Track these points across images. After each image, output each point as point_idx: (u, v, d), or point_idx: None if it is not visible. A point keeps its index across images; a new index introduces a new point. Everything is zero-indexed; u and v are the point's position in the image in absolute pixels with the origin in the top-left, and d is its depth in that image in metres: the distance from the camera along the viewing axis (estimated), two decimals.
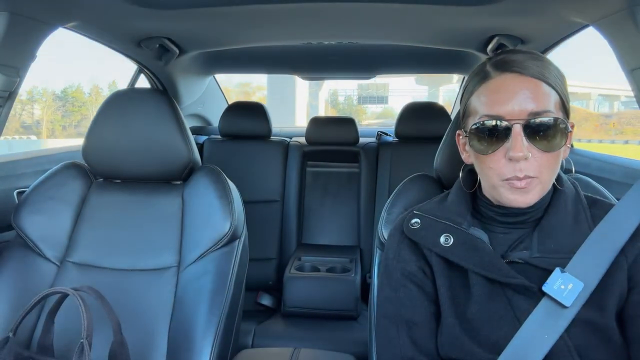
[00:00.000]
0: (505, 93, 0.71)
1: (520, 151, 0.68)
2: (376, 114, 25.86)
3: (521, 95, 0.70)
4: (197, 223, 1.15)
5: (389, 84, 24.72)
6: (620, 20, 0.99)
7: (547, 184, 0.73)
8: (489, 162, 0.72)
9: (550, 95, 0.71)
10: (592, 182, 0.93)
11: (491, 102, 0.72)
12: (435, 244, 0.79)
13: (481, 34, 1.44)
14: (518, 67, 0.72)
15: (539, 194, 0.72)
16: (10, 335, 0.91)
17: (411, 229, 0.83)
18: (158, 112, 1.18)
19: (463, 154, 0.83)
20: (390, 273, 0.83)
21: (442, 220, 0.81)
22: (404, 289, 0.81)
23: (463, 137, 0.81)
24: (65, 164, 1.25)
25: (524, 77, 0.71)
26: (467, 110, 0.79)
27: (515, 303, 0.73)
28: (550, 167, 0.71)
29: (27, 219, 1.15)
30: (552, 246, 0.74)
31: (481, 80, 0.75)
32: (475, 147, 0.74)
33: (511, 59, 0.73)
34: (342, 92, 29.52)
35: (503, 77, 0.72)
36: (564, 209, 0.76)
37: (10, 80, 1.10)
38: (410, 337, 0.78)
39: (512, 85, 0.71)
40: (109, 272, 1.13)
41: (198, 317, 1.04)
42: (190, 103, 2.44)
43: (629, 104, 28.79)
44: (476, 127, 0.73)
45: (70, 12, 1.15)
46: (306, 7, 1.21)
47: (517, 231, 0.78)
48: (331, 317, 1.89)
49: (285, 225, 2.30)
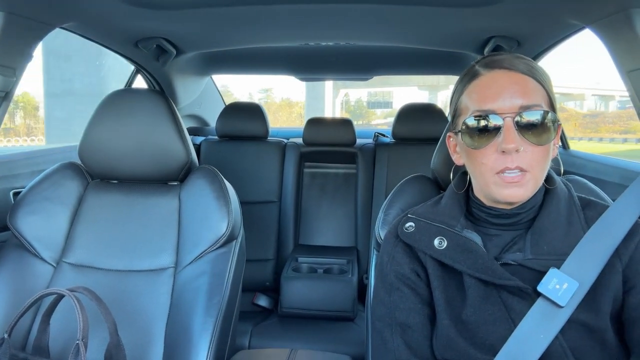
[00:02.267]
0: (496, 88, 0.72)
1: (512, 142, 0.69)
2: (385, 113, 28.48)
3: (511, 90, 0.71)
4: (194, 224, 1.15)
5: (393, 92, 28.17)
6: (617, 22, 1.00)
7: (539, 179, 0.73)
8: (481, 158, 0.73)
9: (539, 90, 0.73)
10: (587, 184, 0.93)
11: (482, 98, 0.73)
12: (430, 247, 0.79)
13: (478, 36, 1.45)
14: (507, 64, 0.74)
15: (531, 189, 0.72)
16: (5, 336, 0.91)
17: (405, 232, 0.83)
18: (155, 113, 1.18)
19: (454, 156, 0.84)
20: (384, 276, 0.84)
21: (436, 223, 0.81)
22: (398, 292, 0.81)
23: (454, 138, 0.82)
24: (62, 164, 1.24)
25: (513, 73, 0.73)
26: (457, 109, 0.79)
27: (509, 305, 0.73)
28: (541, 161, 0.72)
29: (23, 220, 1.15)
30: (545, 248, 0.74)
31: (470, 79, 0.76)
32: (467, 142, 0.74)
33: (499, 58, 0.75)
34: (353, 97, 32.20)
35: (492, 74, 0.74)
36: (556, 210, 0.76)
37: (7, 80, 1.10)
38: (404, 340, 0.78)
39: (501, 80, 0.73)
40: (105, 273, 1.13)
41: (195, 318, 1.03)
42: (187, 104, 2.44)
43: (624, 104, 29.09)
44: (468, 122, 0.74)
45: (67, 12, 1.15)
46: (303, 8, 1.22)
47: (510, 233, 0.78)
48: (328, 318, 1.89)
49: (282, 226, 2.30)
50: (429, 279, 0.80)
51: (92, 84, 3.24)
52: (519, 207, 0.76)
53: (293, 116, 36.15)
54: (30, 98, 23.12)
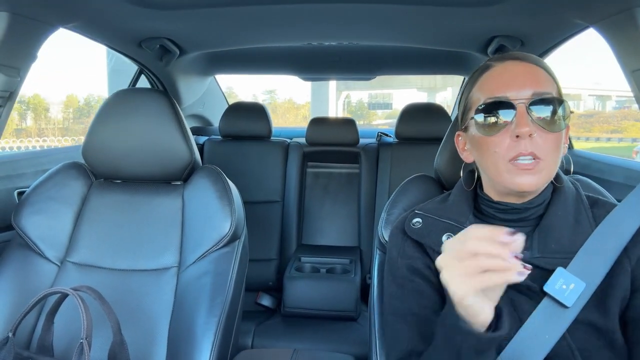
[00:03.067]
0: (508, 75, 0.73)
1: (526, 126, 0.69)
2: (386, 113, 29.51)
3: (524, 77, 0.72)
4: (197, 223, 1.15)
5: (393, 94, 29.55)
6: (621, 22, 0.99)
7: (551, 169, 0.72)
8: (494, 146, 0.72)
9: (550, 81, 0.74)
10: (592, 183, 0.93)
11: (495, 86, 0.74)
12: (437, 244, 0.78)
13: (482, 35, 1.44)
14: (519, 55, 0.75)
15: (544, 178, 0.71)
16: (9, 335, 0.91)
17: (413, 228, 0.82)
18: (159, 113, 1.18)
19: (463, 154, 0.84)
20: (395, 270, 0.83)
21: (444, 220, 0.81)
22: (412, 284, 0.80)
23: (463, 136, 0.82)
24: (66, 164, 1.25)
25: (526, 63, 0.74)
26: (467, 104, 0.79)
27: (517, 303, 0.73)
28: (553, 150, 0.71)
29: (27, 219, 1.15)
30: (553, 246, 0.73)
31: (482, 72, 0.78)
32: (479, 131, 0.74)
33: (510, 52, 0.77)
34: (354, 99, 33.77)
35: (504, 64, 0.75)
36: (564, 207, 0.76)
37: (11, 81, 1.10)
38: (419, 331, 0.77)
39: (514, 69, 0.74)
40: (109, 273, 1.13)
41: (198, 317, 1.03)
42: (190, 103, 2.44)
43: (622, 103, 29.17)
44: (481, 108, 0.73)
45: (70, 12, 1.16)
46: (306, 8, 1.22)
47: (517, 225, 0.77)
48: (331, 318, 1.89)
49: (285, 226, 2.30)
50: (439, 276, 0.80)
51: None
52: (528, 202, 0.75)
53: (299, 118, 36.73)
54: (41, 100, 23.45)
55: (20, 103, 22.42)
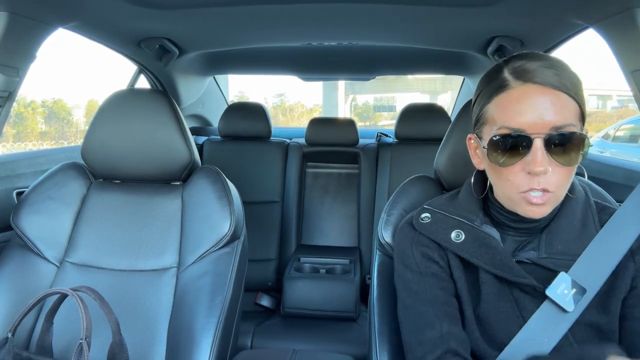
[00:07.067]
0: (527, 105, 0.69)
1: (540, 165, 0.67)
2: (391, 115, 31.34)
3: (543, 108, 0.68)
4: (196, 224, 1.15)
5: (396, 97, 30.71)
6: (621, 22, 0.99)
7: (560, 197, 0.72)
8: (507, 175, 0.71)
9: (571, 106, 0.69)
10: (592, 185, 0.93)
11: (512, 114, 0.69)
12: (446, 240, 0.79)
13: (481, 36, 1.45)
14: (539, 77, 0.69)
15: (552, 206, 0.71)
16: (9, 335, 0.91)
17: (421, 223, 0.82)
18: (158, 113, 1.18)
19: (474, 159, 0.81)
20: (407, 259, 0.82)
21: (454, 216, 0.80)
22: (428, 269, 0.79)
23: (475, 140, 0.79)
24: (65, 164, 1.25)
25: (545, 89, 0.68)
26: (482, 116, 0.76)
27: (521, 302, 0.74)
28: (566, 181, 0.70)
29: (26, 219, 1.15)
30: (560, 247, 0.74)
31: (500, 89, 0.72)
32: (493, 159, 0.72)
33: (531, 68, 0.70)
34: (360, 101, 35.41)
35: (524, 88, 0.69)
36: (572, 212, 0.76)
37: (10, 80, 1.10)
38: (444, 311, 0.76)
39: (533, 97, 0.68)
40: (108, 273, 1.13)
41: (197, 317, 1.03)
42: (190, 103, 2.44)
43: (622, 103, 29.41)
44: (496, 138, 0.71)
45: (70, 12, 1.15)
46: (306, 8, 1.22)
47: (526, 233, 0.78)
48: (330, 319, 1.89)
49: (284, 226, 2.30)
50: (451, 269, 0.80)
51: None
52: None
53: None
54: (63, 104, 23.96)
55: (44, 107, 23.18)
